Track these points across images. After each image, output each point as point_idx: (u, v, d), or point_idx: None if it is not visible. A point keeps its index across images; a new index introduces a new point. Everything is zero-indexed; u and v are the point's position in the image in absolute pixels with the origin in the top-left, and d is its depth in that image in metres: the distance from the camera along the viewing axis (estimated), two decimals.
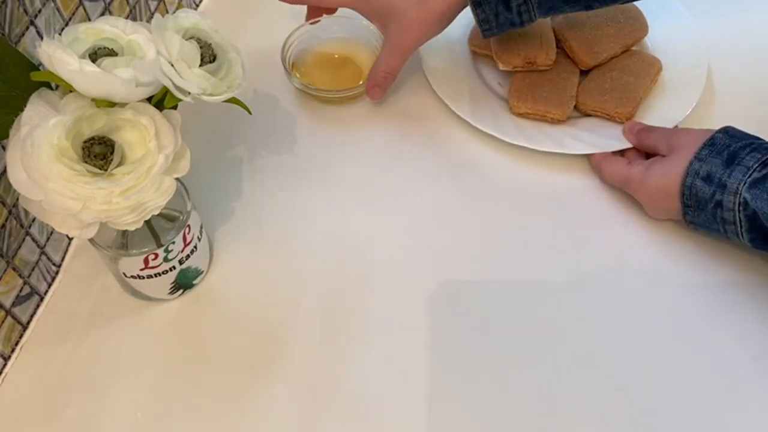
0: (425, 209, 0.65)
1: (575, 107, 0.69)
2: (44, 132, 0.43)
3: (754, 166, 0.55)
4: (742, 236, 0.57)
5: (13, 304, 0.56)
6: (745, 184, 0.55)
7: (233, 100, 0.52)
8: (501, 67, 0.70)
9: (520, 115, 0.69)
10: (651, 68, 0.70)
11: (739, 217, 0.56)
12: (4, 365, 0.56)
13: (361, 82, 0.71)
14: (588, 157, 0.68)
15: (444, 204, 0.65)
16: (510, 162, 0.68)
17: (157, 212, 0.47)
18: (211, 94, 0.49)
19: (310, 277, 0.61)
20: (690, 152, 0.59)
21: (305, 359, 0.57)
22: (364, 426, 0.54)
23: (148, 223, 0.53)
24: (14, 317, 0.56)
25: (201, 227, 0.58)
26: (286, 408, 0.55)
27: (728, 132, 0.59)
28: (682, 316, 0.58)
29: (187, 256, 0.57)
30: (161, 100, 0.48)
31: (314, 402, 0.55)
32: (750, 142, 0.57)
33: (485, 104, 0.70)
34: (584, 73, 0.72)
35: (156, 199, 0.47)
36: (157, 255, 0.54)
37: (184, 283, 0.59)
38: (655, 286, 0.60)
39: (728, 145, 0.57)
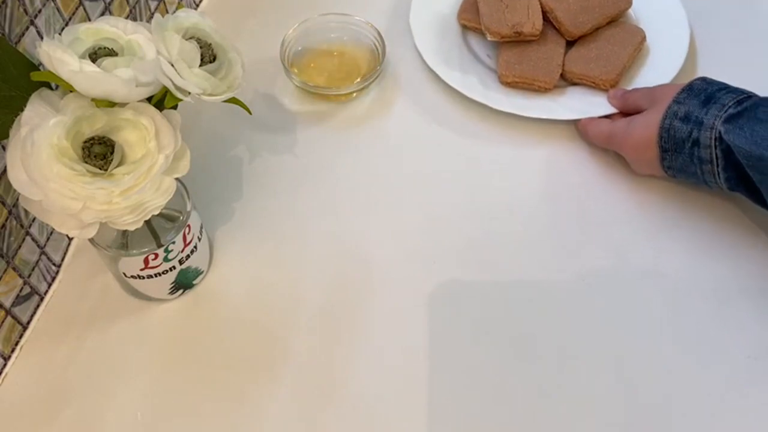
0: (425, 208, 0.65)
1: (562, 76, 0.72)
2: (44, 132, 0.43)
3: (729, 104, 0.57)
4: (718, 176, 0.58)
5: (13, 304, 0.56)
6: (720, 119, 0.57)
7: (233, 100, 0.52)
8: (490, 37, 0.72)
9: (508, 84, 0.71)
10: (634, 38, 0.72)
11: (716, 154, 0.57)
12: (4, 365, 0.57)
13: (358, 80, 0.71)
14: (575, 124, 0.69)
15: (444, 202, 0.65)
16: (507, 135, 0.70)
17: (157, 212, 0.47)
18: (211, 94, 0.49)
19: (310, 276, 0.61)
20: (670, 100, 0.61)
21: (305, 359, 0.57)
22: (364, 426, 0.54)
23: (148, 223, 0.53)
24: (14, 317, 0.56)
25: (201, 227, 0.58)
26: (285, 408, 0.55)
27: (705, 80, 0.61)
28: (680, 316, 0.58)
29: (187, 256, 0.57)
30: (161, 100, 0.48)
31: (314, 402, 0.55)
32: (725, 86, 0.60)
33: (475, 75, 0.73)
34: (570, 43, 0.74)
35: (156, 199, 0.47)
36: (157, 255, 0.54)
37: (184, 283, 0.59)
38: (653, 286, 0.60)
39: (705, 89, 0.60)
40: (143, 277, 0.55)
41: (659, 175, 0.64)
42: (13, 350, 0.57)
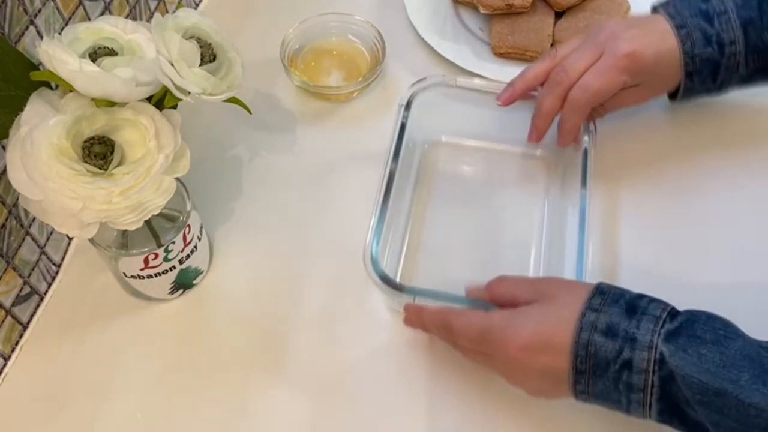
0: (425, 207, 0.65)
1: (552, 46, 0.73)
2: (44, 132, 0.43)
3: (663, 317, 0.45)
4: (650, 407, 0.45)
5: (13, 304, 0.56)
6: (659, 335, 0.44)
7: (233, 100, 0.52)
8: (482, 10, 0.75)
9: (501, 55, 0.74)
10: (620, 8, 0.76)
11: (652, 381, 0.44)
12: (4, 365, 0.56)
13: (359, 80, 0.71)
14: None
15: (445, 201, 0.65)
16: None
17: (157, 212, 0.47)
18: (211, 94, 0.49)
19: (310, 276, 0.61)
20: (573, 300, 0.47)
21: (305, 358, 0.57)
22: (365, 425, 0.54)
23: (148, 223, 0.53)
24: (14, 317, 0.56)
25: (201, 227, 0.58)
26: (285, 408, 0.55)
27: (610, 285, 0.49)
28: None
29: (187, 256, 0.57)
30: (161, 100, 0.48)
31: (314, 402, 0.55)
32: (640, 294, 0.48)
33: (469, 48, 0.75)
34: (558, 15, 0.77)
35: (156, 199, 0.47)
36: (157, 255, 0.54)
37: (184, 283, 0.59)
38: (654, 286, 0.60)
39: (621, 294, 0.47)
40: (143, 277, 0.55)
41: (555, 397, 0.49)
42: (13, 350, 0.57)
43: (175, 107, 0.48)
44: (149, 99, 0.48)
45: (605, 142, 0.66)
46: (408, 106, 0.63)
